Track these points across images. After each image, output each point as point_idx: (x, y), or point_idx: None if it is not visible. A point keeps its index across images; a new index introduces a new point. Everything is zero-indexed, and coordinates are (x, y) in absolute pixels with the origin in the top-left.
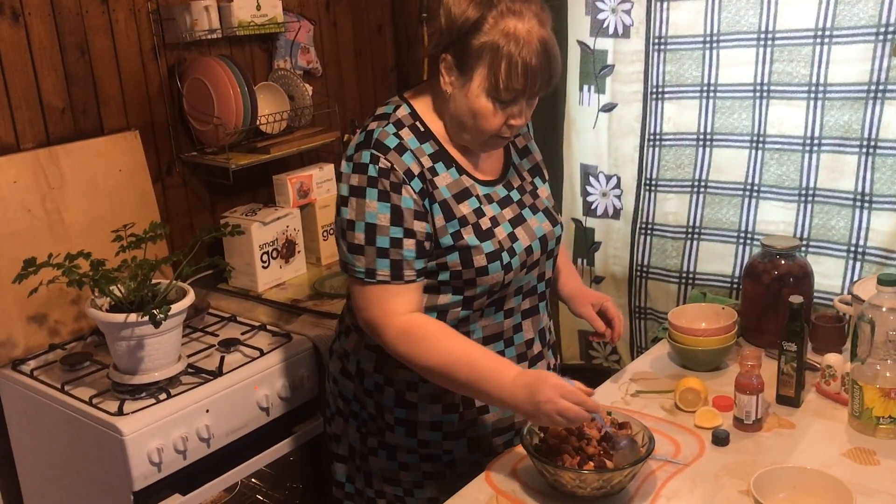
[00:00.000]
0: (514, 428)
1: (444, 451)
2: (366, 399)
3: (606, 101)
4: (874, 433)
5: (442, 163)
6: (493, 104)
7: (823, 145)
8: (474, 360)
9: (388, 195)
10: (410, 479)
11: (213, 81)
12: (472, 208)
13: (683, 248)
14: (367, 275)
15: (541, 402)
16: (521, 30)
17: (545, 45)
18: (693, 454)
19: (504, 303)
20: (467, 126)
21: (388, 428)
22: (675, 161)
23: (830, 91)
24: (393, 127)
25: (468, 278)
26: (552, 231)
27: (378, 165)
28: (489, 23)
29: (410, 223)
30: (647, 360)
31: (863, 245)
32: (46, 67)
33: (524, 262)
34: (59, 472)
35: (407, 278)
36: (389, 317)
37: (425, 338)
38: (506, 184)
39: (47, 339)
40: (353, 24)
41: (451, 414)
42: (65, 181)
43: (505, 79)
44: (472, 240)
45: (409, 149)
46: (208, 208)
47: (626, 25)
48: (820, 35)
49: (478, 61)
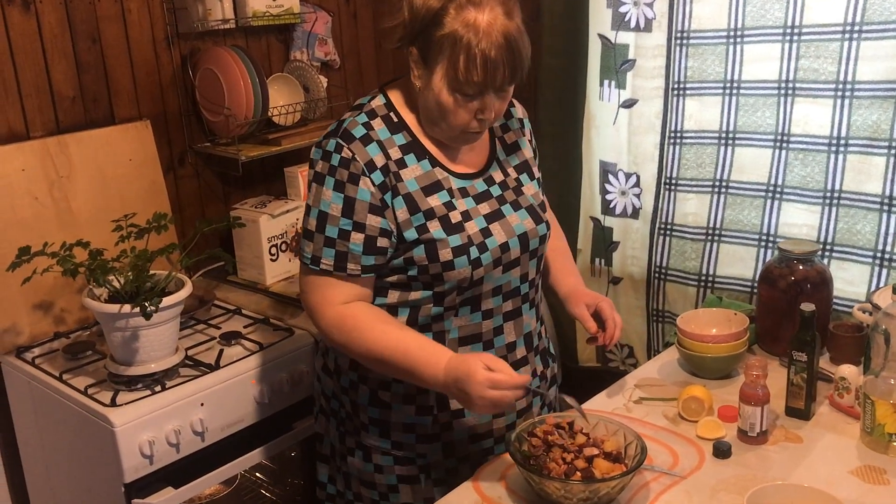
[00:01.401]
0: (492, 434)
1: (419, 454)
2: (343, 397)
3: (627, 96)
4: (886, 451)
5: (413, 154)
6: (457, 98)
7: (850, 146)
8: (407, 350)
9: (343, 186)
10: (385, 482)
11: (224, 72)
12: (441, 201)
13: (703, 249)
14: (311, 261)
15: (472, 397)
16: (482, 21)
17: (507, 37)
18: (691, 466)
19: (480, 302)
20: (436, 120)
21: (363, 428)
22: (697, 160)
23: (858, 89)
24: (365, 117)
25: (434, 273)
26: (535, 229)
27: (340, 155)
28: (450, 14)
29: (363, 217)
30: (655, 365)
31: (889, 251)
32: (57, 55)
33: (498, 259)
34: (59, 459)
35: (350, 271)
36: (326, 306)
37: (355, 327)
38: (486, 178)
39: (52, 327)
40: (373, 15)
41: (424, 416)
42: (73, 170)
43: (464, 71)
44: (437, 233)
45: (377, 140)
46: (221, 199)
47: (649, 19)
48: (849, 30)
49: (439, 54)
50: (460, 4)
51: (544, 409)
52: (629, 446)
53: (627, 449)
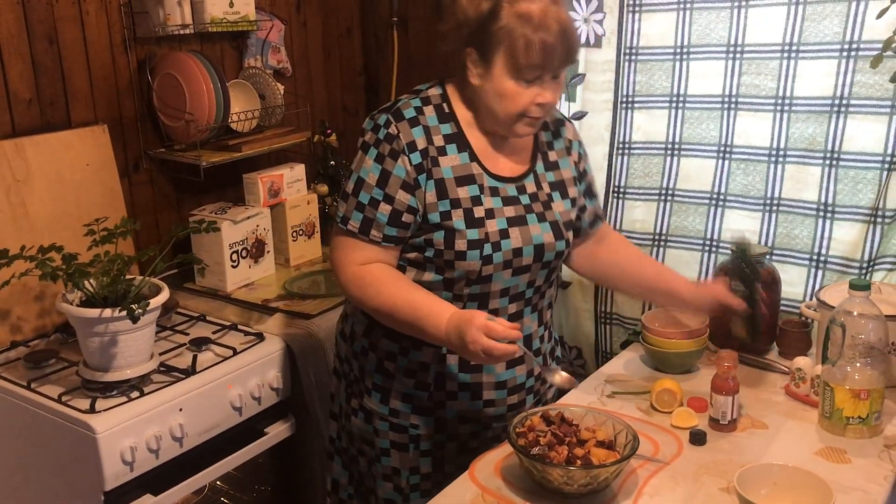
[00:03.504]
0: (480, 420)
1: (412, 424)
2: (353, 361)
3: (577, 109)
4: (844, 433)
5: (455, 145)
6: (517, 84)
7: (788, 157)
8: (415, 302)
9: (384, 159)
10: (379, 445)
11: (186, 77)
12: (470, 194)
13: (650, 254)
14: (342, 220)
15: (467, 342)
16: (535, 10)
17: (561, 23)
18: (672, 453)
19: (488, 302)
20: (497, 111)
21: (367, 392)
22: (644, 169)
23: (796, 104)
24: (419, 101)
25: (448, 259)
26: (553, 243)
27: (388, 130)
28: (504, 10)
29: (394, 190)
30: (620, 362)
31: (825, 254)
32: (14, 56)
33: (509, 262)
34: (26, 473)
35: (372, 237)
36: (347, 264)
37: (372, 282)
38: (519, 186)
39: (9, 335)
40: (322, 25)
41: (421, 391)
42: (30, 174)
43: (524, 58)
44: (458, 223)
45: (424, 125)
46: (174, 206)
47: (598, 35)
48: (787, 50)
49: (498, 47)
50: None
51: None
52: (619, 434)
53: (618, 437)
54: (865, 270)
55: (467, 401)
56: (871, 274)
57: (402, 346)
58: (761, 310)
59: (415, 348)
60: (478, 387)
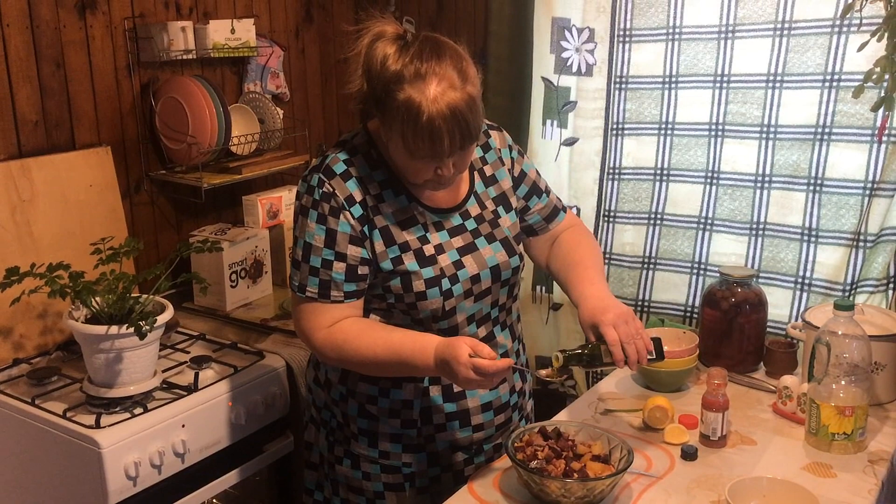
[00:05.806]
0: (472, 447)
1: (404, 463)
2: (334, 408)
3: (568, 135)
4: (829, 448)
5: (391, 190)
6: (414, 161)
7: (773, 182)
8: (395, 346)
9: (325, 219)
10: (372, 489)
11: (189, 101)
12: (415, 235)
13: (640, 277)
14: (299, 289)
15: (459, 379)
16: (430, 92)
17: (453, 109)
18: (664, 468)
19: (457, 331)
20: (400, 172)
21: (353, 437)
22: (633, 194)
23: (781, 132)
24: (345, 154)
25: (409, 301)
26: (507, 262)
27: (322, 189)
28: (398, 91)
29: (344, 247)
30: (613, 381)
31: (809, 277)
32: (21, 79)
33: (469, 290)
34: (30, 488)
35: (333, 298)
36: (315, 329)
37: (346, 340)
38: (463, 212)
39: (11, 353)
40: (320, 52)
41: (409, 429)
42: (36, 194)
43: (412, 142)
44: (411, 265)
45: (356, 176)
46: (174, 227)
47: (590, 64)
48: (772, 80)
49: (394, 121)
50: (412, 75)
51: (523, 420)
52: (614, 449)
53: (612, 452)
54: (849, 293)
55: (457, 429)
56: (853, 296)
57: (381, 388)
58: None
59: (395, 387)
60: (465, 413)
